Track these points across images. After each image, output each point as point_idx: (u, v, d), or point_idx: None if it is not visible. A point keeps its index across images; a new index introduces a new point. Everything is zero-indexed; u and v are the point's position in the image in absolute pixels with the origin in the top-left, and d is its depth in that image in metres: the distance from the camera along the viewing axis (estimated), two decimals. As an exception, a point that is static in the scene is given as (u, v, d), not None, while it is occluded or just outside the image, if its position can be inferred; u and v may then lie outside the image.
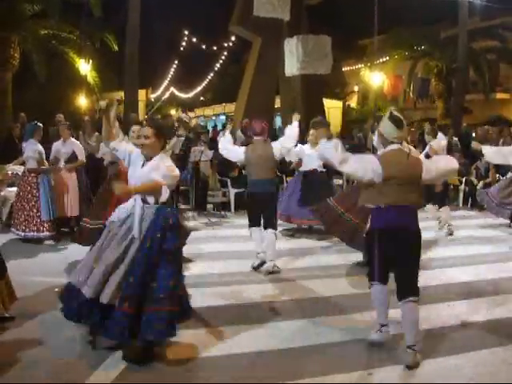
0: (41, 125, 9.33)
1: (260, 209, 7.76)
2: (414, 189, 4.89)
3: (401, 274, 4.85)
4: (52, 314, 5.51)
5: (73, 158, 9.66)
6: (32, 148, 9.02)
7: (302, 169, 10.07)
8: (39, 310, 5.81)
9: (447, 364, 4.77)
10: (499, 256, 8.72)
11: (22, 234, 9.00)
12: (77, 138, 13.75)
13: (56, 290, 6.43)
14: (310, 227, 10.32)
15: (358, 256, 7.96)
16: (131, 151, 5.01)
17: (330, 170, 9.56)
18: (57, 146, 9.64)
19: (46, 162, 9.34)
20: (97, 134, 13.54)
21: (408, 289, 4.79)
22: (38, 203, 8.98)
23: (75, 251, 8.01)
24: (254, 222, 7.82)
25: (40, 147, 9.16)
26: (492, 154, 9.20)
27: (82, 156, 9.72)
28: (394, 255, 4.86)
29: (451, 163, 5.13)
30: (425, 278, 7.40)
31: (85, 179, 9.98)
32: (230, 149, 8.09)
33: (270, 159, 7.73)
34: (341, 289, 6.89)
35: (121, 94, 21.05)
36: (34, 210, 8.96)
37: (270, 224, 7.72)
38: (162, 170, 4.73)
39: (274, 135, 17.29)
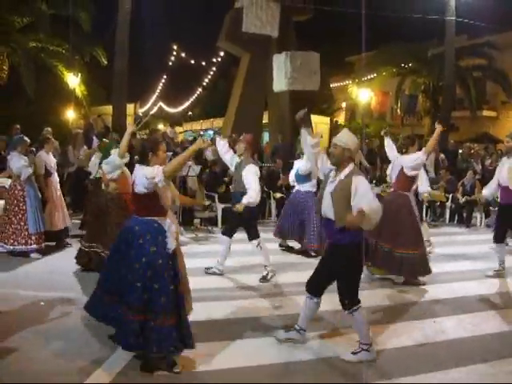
0: (26, 138, 9.17)
1: None
2: None
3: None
4: (39, 326, 5.46)
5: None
6: (18, 160, 8.87)
7: None
8: (28, 322, 5.69)
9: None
10: (486, 272, 8.73)
11: (11, 247, 8.75)
12: (65, 152, 13.81)
13: (42, 303, 6.39)
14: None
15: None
16: None
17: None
18: (43, 157, 9.52)
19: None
20: (85, 147, 13.55)
21: None
22: (26, 216, 8.86)
23: (61, 264, 7.97)
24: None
25: (26, 159, 8.98)
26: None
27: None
28: None
29: None
30: (411, 295, 7.46)
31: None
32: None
33: None
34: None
35: (109, 109, 21.14)
36: (22, 223, 8.78)
37: None
38: None
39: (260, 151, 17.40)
